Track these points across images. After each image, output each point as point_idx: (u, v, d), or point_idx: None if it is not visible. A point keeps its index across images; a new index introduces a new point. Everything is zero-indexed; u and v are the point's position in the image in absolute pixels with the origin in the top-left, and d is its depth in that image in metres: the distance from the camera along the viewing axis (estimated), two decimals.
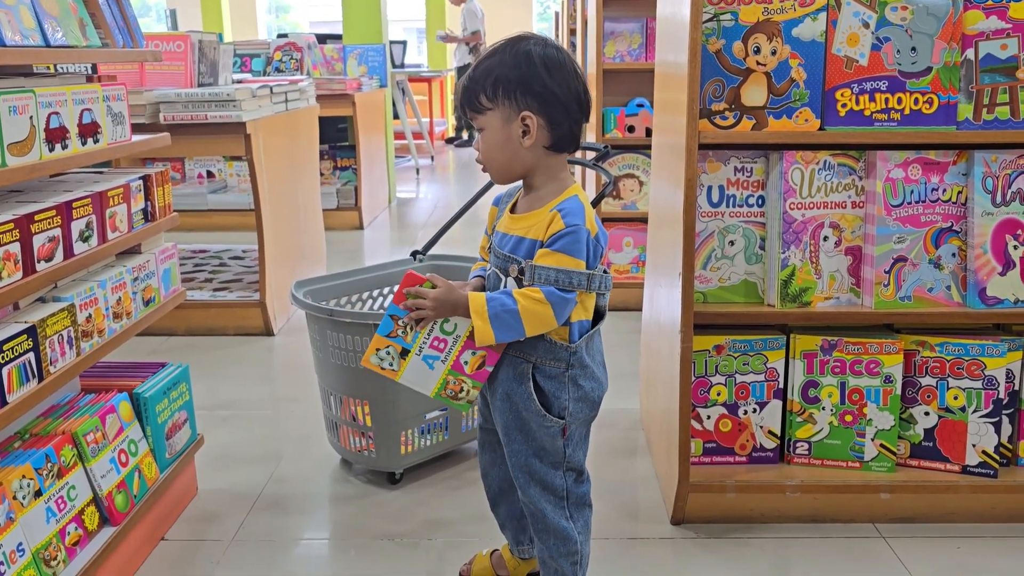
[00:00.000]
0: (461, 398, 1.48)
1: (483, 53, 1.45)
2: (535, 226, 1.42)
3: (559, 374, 1.45)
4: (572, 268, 1.39)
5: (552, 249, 1.39)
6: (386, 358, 1.47)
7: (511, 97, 1.39)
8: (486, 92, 1.40)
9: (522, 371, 1.45)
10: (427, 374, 1.46)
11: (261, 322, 3.30)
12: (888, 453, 1.95)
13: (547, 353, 1.44)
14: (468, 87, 1.42)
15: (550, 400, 1.46)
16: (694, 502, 1.94)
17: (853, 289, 1.92)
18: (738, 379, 1.96)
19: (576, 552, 1.53)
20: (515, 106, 1.39)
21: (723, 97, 1.84)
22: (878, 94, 1.82)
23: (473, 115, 1.43)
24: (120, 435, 1.79)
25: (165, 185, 1.95)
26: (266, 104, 3.29)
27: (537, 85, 1.39)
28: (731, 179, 1.92)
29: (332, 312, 2.04)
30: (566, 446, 1.49)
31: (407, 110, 7.71)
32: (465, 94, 1.43)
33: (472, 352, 1.44)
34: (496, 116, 1.41)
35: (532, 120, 1.40)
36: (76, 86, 1.60)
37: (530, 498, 1.51)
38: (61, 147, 1.55)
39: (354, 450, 2.19)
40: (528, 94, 1.39)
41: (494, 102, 1.40)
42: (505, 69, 1.39)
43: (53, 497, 1.58)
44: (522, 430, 1.48)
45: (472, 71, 1.43)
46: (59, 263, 1.53)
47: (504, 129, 1.41)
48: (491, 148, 1.43)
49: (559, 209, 1.41)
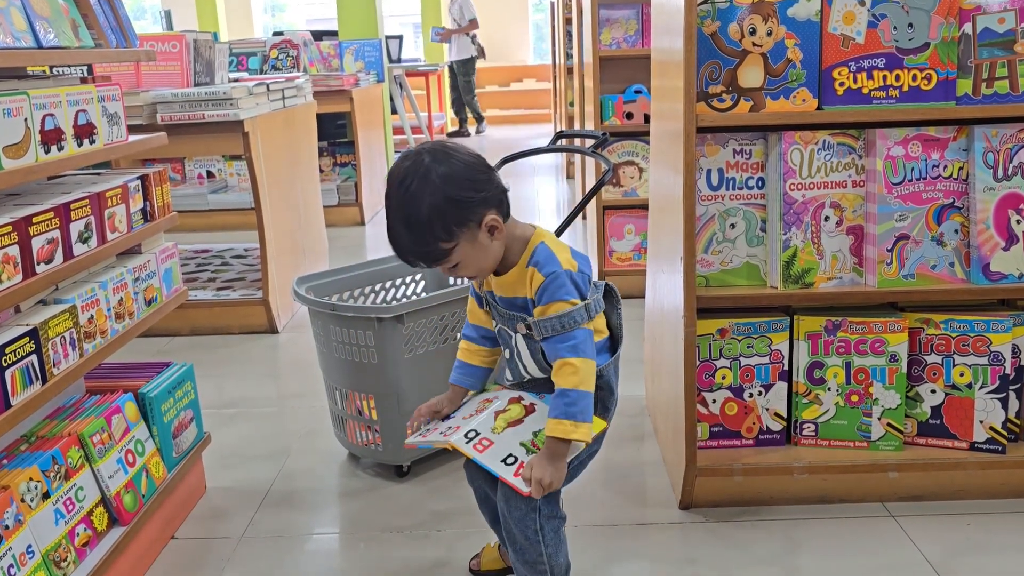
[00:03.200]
0: None
1: (394, 208, 1.38)
2: (515, 283, 1.46)
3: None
4: (569, 309, 1.40)
5: (543, 303, 1.42)
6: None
7: (464, 221, 1.37)
8: (441, 238, 1.37)
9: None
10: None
11: (265, 320, 3.30)
12: (895, 432, 1.94)
13: None
14: (420, 247, 1.37)
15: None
16: (702, 486, 1.94)
17: (856, 269, 1.91)
18: (743, 362, 1.96)
19: (543, 563, 1.50)
20: (472, 223, 1.38)
21: (720, 80, 1.83)
22: (876, 71, 1.81)
23: (440, 263, 1.40)
24: (126, 435, 1.79)
25: (163, 185, 1.95)
26: (263, 102, 3.28)
27: (470, 192, 1.37)
28: (730, 162, 1.91)
29: (335, 307, 2.04)
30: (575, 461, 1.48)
31: (405, 105, 7.70)
32: (422, 255, 1.38)
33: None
34: (463, 246, 1.39)
35: (495, 219, 1.39)
36: (70, 87, 1.60)
37: (503, 496, 1.49)
38: (57, 149, 1.54)
39: (361, 444, 2.19)
40: (472, 206, 1.37)
41: (454, 238, 1.38)
42: (442, 208, 1.35)
43: (61, 499, 1.58)
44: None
45: (410, 238, 1.37)
46: (59, 265, 1.53)
47: (476, 246, 1.40)
48: (475, 267, 1.43)
49: (533, 264, 1.43)
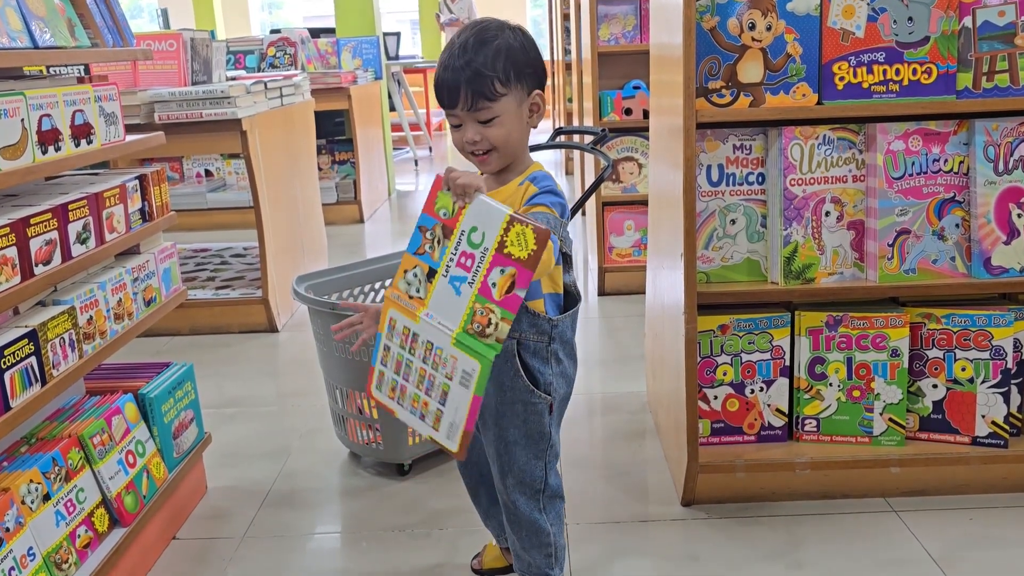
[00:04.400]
0: (489, 335, 1.23)
1: (464, 42, 1.39)
2: (507, 200, 1.41)
3: (542, 349, 1.44)
4: (550, 214, 1.36)
5: (530, 205, 1.38)
6: (413, 282, 1.32)
7: (522, 80, 1.39)
8: (499, 76, 1.37)
9: (507, 348, 1.43)
10: (454, 302, 1.26)
11: (265, 319, 3.29)
12: (897, 427, 1.94)
13: (530, 327, 1.43)
14: (478, 75, 1.36)
15: (536, 376, 1.44)
16: (704, 483, 1.94)
17: (857, 264, 1.90)
18: (744, 358, 1.95)
19: (550, 544, 1.52)
20: (525, 87, 1.40)
21: (719, 75, 1.82)
22: (876, 66, 1.80)
23: (485, 104, 1.38)
24: (127, 436, 1.79)
25: (162, 184, 1.94)
26: (261, 100, 3.28)
27: (534, 66, 1.41)
28: (730, 157, 1.91)
29: (334, 306, 2.03)
30: (550, 426, 1.47)
31: (403, 102, 7.68)
32: (474, 84, 1.37)
33: (501, 270, 1.22)
34: (511, 101, 1.39)
35: (542, 98, 1.42)
36: (67, 87, 1.59)
37: (505, 488, 1.49)
38: (54, 149, 1.54)
39: (362, 443, 2.19)
40: (533, 75, 1.41)
41: (508, 86, 1.38)
42: (512, 52, 1.38)
43: (62, 500, 1.58)
44: (506, 414, 1.45)
45: (471, 61, 1.37)
46: (57, 266, 1.52)
47: (518, 112, 1.41)
48: (508, 133, 1.40)
49: (531, 179, 1.42)
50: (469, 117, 1.41)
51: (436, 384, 1.30)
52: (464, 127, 1.42)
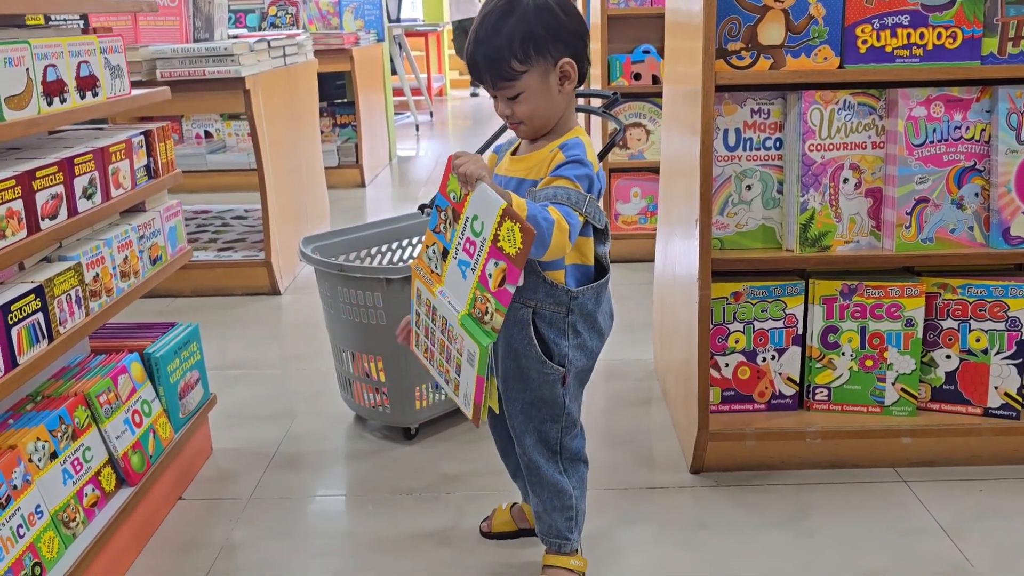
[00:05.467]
0: (487, 322, 1.27)
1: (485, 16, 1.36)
2: (536, 166, 1.40)
3: (559, 319, 1.42)
4: (572, 189, 1.34)
5: (553, 175, 1.35)
6: (433, 258, 1.38)
7: (544, 50, 1.35)
8: (517, 55, 1.34)
9: (522, 316, 1.41)
10: (461, 284, 1.30)
11: (267, 281, 3.26)
12: (909, 397, 1.92)
13: (547, 297, 1.40)
14: (493, 57, 1.34)
15: (550, 347, 1.43)
16: (713, 450, 1.92)
17: (873, 232, 1.88)
18: (756, 326, 1.93)
19: (571, 507, 1.51)
20: (550, 58, 1.35)
21: (739, 36, 1.78)
22: (900, 29, 1.76)
23: (505, 84, 1.36)
24: (133, 395, 1.77)
25: (167, 141, 1.90)
26: (264, 59, 3.22)
27: (564, 32, 1.36)
28: (747, 122, 1.87)
29: (342, 267, 2.00)
30: (564, 395, 1.46)
31: (405, 65, 7.59)
32: (491, 66, 1.35)
33: (495, 262, 1.25)
34: (533, 76, 1.35)
35: (571, 65, 1.36)
36: (72, 37, 1.55)
37: (524, 449, 1.49)
38: (60, 101, 1.50)
39: (368, 406, 2.17)
40: (559, 40, 1.35)
41: (528, 63, 1.34)
42: (530, 26, 1.33)
43: (69, 459, 1.56)
44: (521, 379, 1.45)
45: (488, 39, 1.34)
46: (63, 221, 1.49)
47: (543, 84, 1.36)
48: (534, 108, 1.37)
49: (561, 147, 1.38)
50: (497, 93, 1.39)
51: (452, 356, 1.35)
52: (497, 99, 1.40)
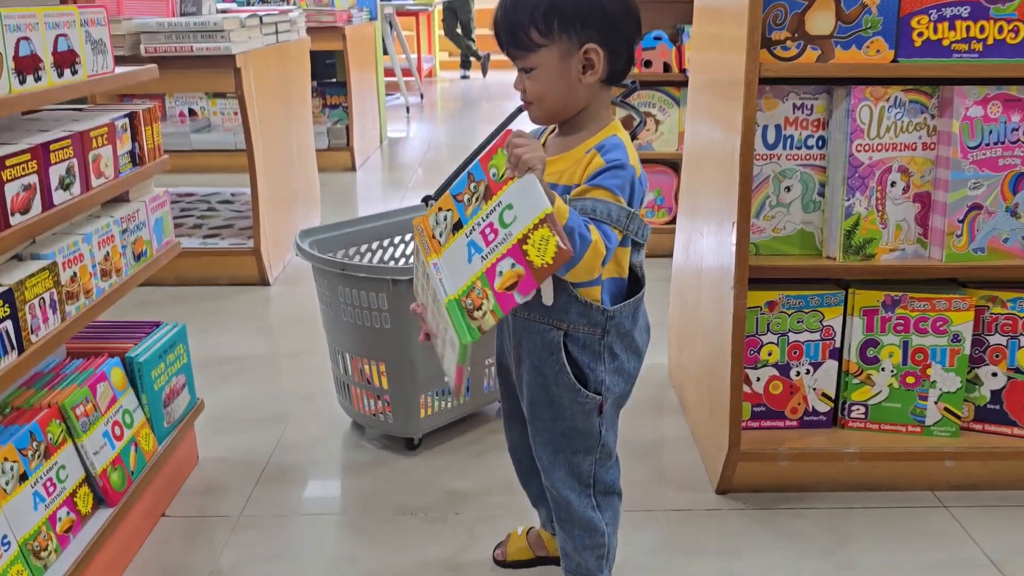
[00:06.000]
0: (476, 318, 1.15)
1: None
2: (569, 170, 1.24)
3: (594, 342, 1.27)
4: (612, 202, 1.19)
5: (590, 184, 1.19)
6: (442, 223, 1.22)
7: (569, 29, 1.18)
8: (538, 26, 1.18)
9: (552, 340, 1.26)
10: (463, 267, 1.17)
11: (256, 271, 3.09)
12: (952, 417, 1.80)
13: (581, 317, 1.26)
14: (514, 21, 1.19)
15: (585, 372, 1.28)
16: (742, 470, 1.79)
17: (920, 240, 1.74)
18: (791, 338, 1.80)
19: (603, 545, 1.37)
20: (575, 39, 1.19)
21: (785, 24, 1.63)
22: (958, 21, 1.62)
23: (520, 54, 1.21)
24: (113, 405, 1.61)
25: (154, 124, 1.73)
26: (256, 35, 3.03)
27: (598, 12, 1.19)
28: (789, 118, 1.73)
29: (345, 266, 1.85)
30: (601, 426, 1.32)
31: (395, 46, 7.38)
32: (510, 31, 1.20)
33: (512, 263, 1.12)
34: (551, 53, 1.20)
35: (597, 53, 1.19)
36: (49, 8, 1.37)
37: (553, 483, 1.35)
38: (34, 79, 1.33)
39: (367, 413, 2.02)
40: (589, 23, 1.19)
41: (549, 37, 1.19)
42: None
43: (41, 480, 1.40)
44: (551, 407, 1.30)
45: (512, 3, 1.20)
46: (37, 215, 1.32)
47: (562, 66, 1.20)
48: (546, 89, 1.22)
49: (598, 148, 1.22)
50: (513, 63, 1.24)
51: (440, 327, 1.23)
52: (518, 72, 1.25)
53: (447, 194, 1.21)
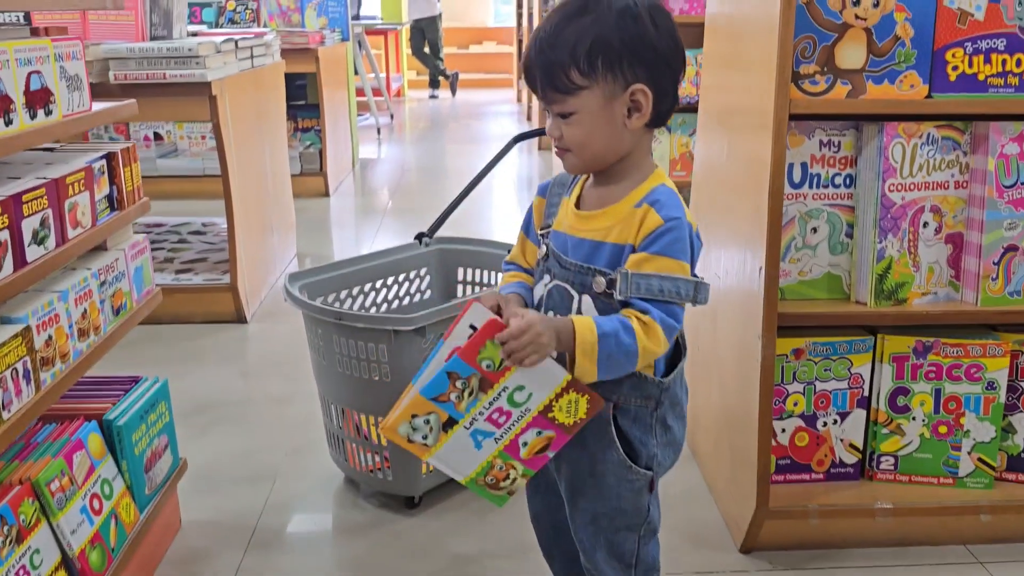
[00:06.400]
0: (502, 488, 1.16)
1: (556, 9, 1.11)
2: (618, 225, 1.12)
3: (645, 415, 1.17)
4: (678, 275, 1.09)
5: (651, 252, 1.09)
6: (421, 428, 1.10)
7: (615, 68, 1.07)
8: (579, 65, 1.07)
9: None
10: (469, 454, 1.13)
11: (232, 308, 2.94)
12: (986, 468, 1.71)
13: (634, 390, 1.15)
14: (552, 61, 1.07)
15: (636, 448, 1.17)
16: (769, 527, 1.68)
17: (952, 283, 1.66)
18: (818, 387, 1.70)
19: None
20: (620, 79, 1.08)
21: (814, 58, 1.54)
22: (994, 55, 1.54)
23: (559, 97, 1.09)
24: (91, 476, 1.46)
25: (133, 164, 1.59)
26: (231, 61, 2.89)
27: (648, 49, 1.08)
28: (815, 155, 1.64)
29: (341, 315, 1.71)
30: (650, 504, 1.21)
31: (365, 65, 7.25)
32: (547, 72, 1.08)
33: (539, 431, 1.12)
34: (594, 95, 1.08)
35: (645, 94, 1.08)
36: (20, 41, 1.23)
37: (595, 564, 1.24)
38: (4, 123, 1.18)
39: (363, 469, 1.88)
40: (637, 61, 1.08)
41: (591, 77, 1.07)
42: (605, 32, 1.06)
43: (13, 568, 1.25)
44: (596, 486, 1.19)
45: (549, 38, 1.08)
46: (8, 276, 1.17)
47: (605, 110, 1.09)
48: (587, 136, 1.10)
49: (651, 202, 1.11)
50: (548, 106, 1.12)
51: None
52: (548, 114, 1.14)
53: (417, 397, 1.09)
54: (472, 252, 2.18)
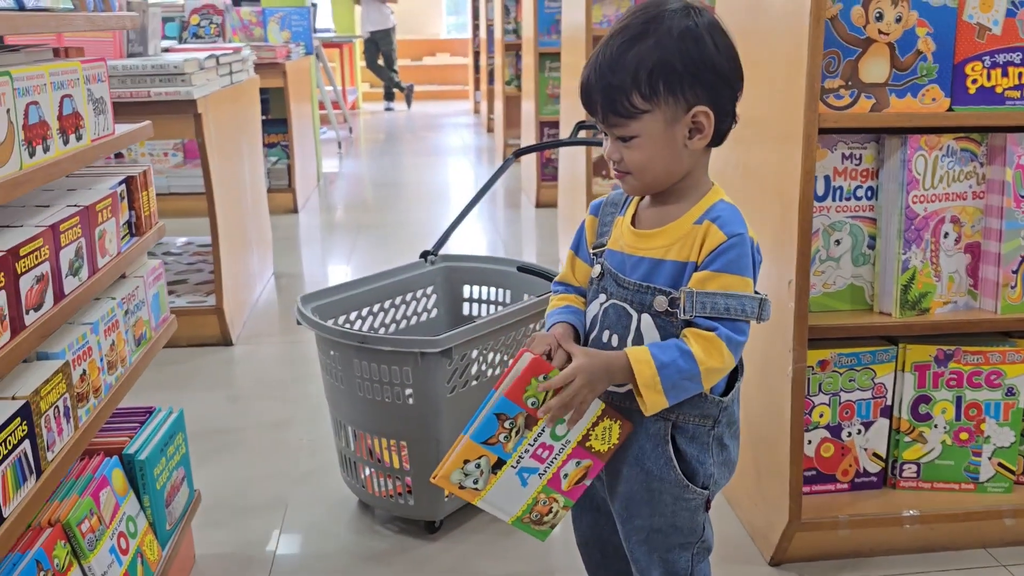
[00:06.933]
0: (546, 522, 1.19)
1: (616, 33, 1.10)
2: (677, 243, 1.12)
3: (703, 433, 1.16)
4: (742, 292, 1.09)
5: (714, 270, 1.09)
6: (472, 473, 1.11)
7: (677, 91, 1.06)
8: (641, 89, 1.05)
9: (657, 431, 1.15)
10: (516, 492, 1.15)
11: (218, 330, 2.86)
12: (1006, 472, 1.74)
13: (693, 408, 1.14)
14: (613, 85, 1.06)
15: (693, 467, 1.16)
16: (797, 539, 1.69)
17: (971, 292, 1.69)
18: (843, 398, 1.71)
19: None
20: (682, 101, 1.07)
21: (838, 72, 1.56)
22: (1011, 68, 1.58)
23: (620, 121, 1.08)
24: (117, 514, 1.39)
25: (149, 188, 1.53)
26: (213, 77, 2.82)
27: (709, 71, 1.07)
28: (838, 168, 1.65)
29: (365, 339, 1.67)
30: (705, 522, 1.20)
31: (323, 78, 7.17)
32: (607, 96, 1.07)
33: (577, 462, 1.15)
34: (655, 119, 1.07)
35: (707, 116, 1.08)
36: (53, 64, 1.18)
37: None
38: (43, 150, 1.13)
39: (380, 495, 1.84)
40: (699, 83, 1.07)
41: (653, 101, 1.06)
42: (666, 55, 1.05)
43: None
44: (651, 504, 1.18)
45: (610, 62, 1.07)
46: (50, 310, 1.12)
47: (667, 133, 1.08)
48: (648, 159, 1.09)
49: (712, 218, 1.11)
50: (607, 130, 1.11)
51: None
52: (607, 137, 1.12)
53: (470, 444, 1.10)
54: (478, 269, 2.16)
